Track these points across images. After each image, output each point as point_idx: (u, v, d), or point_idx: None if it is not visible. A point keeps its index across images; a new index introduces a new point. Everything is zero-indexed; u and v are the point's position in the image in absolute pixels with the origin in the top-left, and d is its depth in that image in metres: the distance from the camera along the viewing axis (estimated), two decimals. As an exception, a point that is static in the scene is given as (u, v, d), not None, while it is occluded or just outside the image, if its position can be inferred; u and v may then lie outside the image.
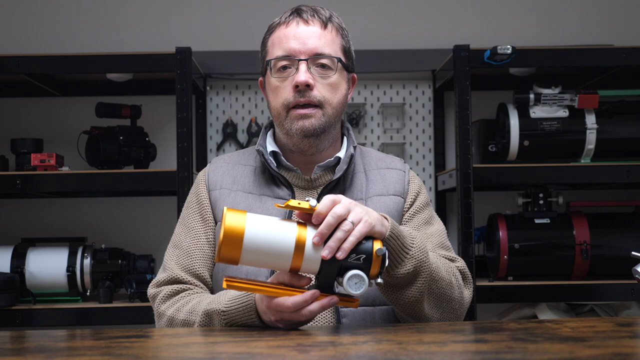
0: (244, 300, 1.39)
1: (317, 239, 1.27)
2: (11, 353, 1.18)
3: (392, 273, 1.38)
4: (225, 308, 1.41)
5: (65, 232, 2.82)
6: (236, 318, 1.40)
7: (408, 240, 1.39)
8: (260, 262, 1.30)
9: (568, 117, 2.53)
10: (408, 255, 1.38)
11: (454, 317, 1.52)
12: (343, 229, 1.28)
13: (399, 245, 1.37)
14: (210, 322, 1.43)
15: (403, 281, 1.39)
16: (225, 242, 1.26)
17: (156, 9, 2.95)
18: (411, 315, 1.46)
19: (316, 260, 1.28)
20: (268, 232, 1.27)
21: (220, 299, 1.44)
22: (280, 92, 1.59)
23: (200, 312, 1.45)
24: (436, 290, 1.46)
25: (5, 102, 2.91)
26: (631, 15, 2.97)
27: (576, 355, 1.05)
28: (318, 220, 1.29)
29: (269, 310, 1.34)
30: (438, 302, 1.48)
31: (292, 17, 1.62)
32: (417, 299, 1.42)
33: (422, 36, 2.93)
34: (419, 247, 1.40)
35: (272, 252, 1.27)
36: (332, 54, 1.59)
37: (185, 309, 1.49)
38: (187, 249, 1.61)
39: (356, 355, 1.09)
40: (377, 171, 1.68)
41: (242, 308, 1.39)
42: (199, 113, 2.88)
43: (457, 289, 1.52)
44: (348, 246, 1.27)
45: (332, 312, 1.54)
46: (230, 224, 1.26)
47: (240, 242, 1.26)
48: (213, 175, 1.67)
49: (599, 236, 2.53)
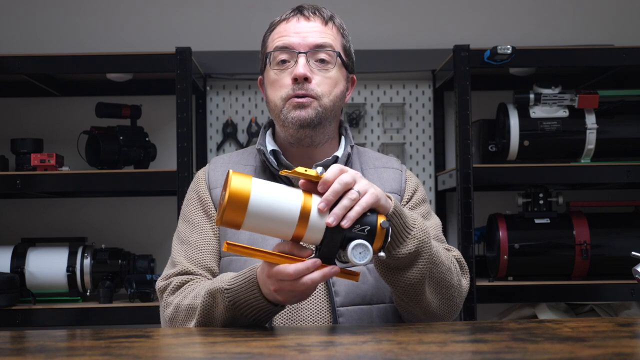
0: (247, 275, 1.38)
1: (323, 204, 1.25)
2: (11, 353, 1.18)
3: (393, 253, 1.36)
4: (228, 285, 1.39)
5: (65, 232, 2.82)
6: (239, 294, 1.37)
7: (410, 220, 1.38)
8: (262, 228, 1.26)
9: (568, 117, 2.53)
10: (410, 235, 1.37)
11: (453, 305, 1.51)
12: (349, 197, 1.26)
13: (401, 224, 1.35)
14: (214, 302, 1.41)
15: (404, 262, 1.38)
16: (229, 205, 1.23)
17: (156, 9, 2.95)
18: (412, 300, 1.44)
19: (320, 230, 1.26)
20: (273, 197, 1.25)
21: (224, 277, 1.43)
22: (278, 84, 1.60)
23: (203, 293, 1.44)
24: (437, 274, 1.45)
25: (5, 102, 2.91)
26: (631, 15, 2.97)
27: (576, 355, 1.05)
28: (324, 188, 1.27)
29: (269, 280, 1.31)
30: (438, 288, 1.47)
31: (293, 14, 1.63)
32: (418, 280, 1.40)
33: (422, 36, 2.93)
34: (420, 227, 1.39)
35: (276, 218, 1.25)
36: (332, 47, 1.60)
37: (191, 295, 1.49)
38: (195, 243, 1.61)
39: (356, 355, 1.09)
40: (374, 170, 1.69)
41: (244, 283, 1.37)
42: (199, 113, 2.88)
43: (456, 276, 1.52)
44: (354, 215, 1.25)
45: (329, 311, 1.54)
46: (236, 187, 1.23)
47: (245, 205, 1.23)
48: (213, 174, 1.67)
49: (599, 236, 2.53)
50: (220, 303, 1.40)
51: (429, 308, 1.47)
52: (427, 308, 1.47)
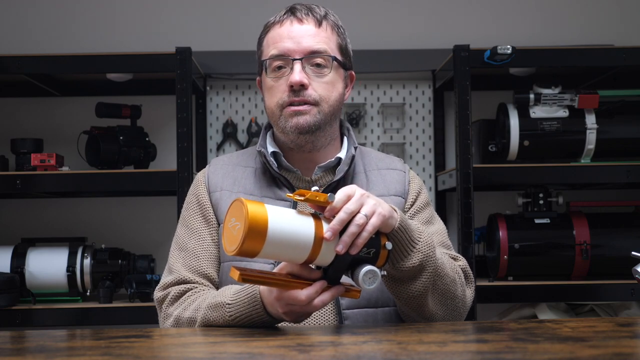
0: (249, 291, 1.38)
1: (329, 234, 1.26)
2: (11, 353, 1.18)
3: (397, 266, 1.38)
4: (231, 300, 1.39)
5: (65, 232, 2.82)
6: (241, 309, 1.38)
7: (416, 234, 1.39)
8: (277, 254, 1.27)
9: (568, 117, 2.53)
10: (415, 249, 1.38)
11: (457, 316, 1.52)
12: (357, 222, 1.27)
13: (406, 238, 1.37)
14: (215, 315, 1.42)
15: (408, 275, 1.39)
16: (249, 235, 1.21)
17: (156, 9, 2.95)
18: (415, 311, 1.46)
19: (330, 254, 1.28)
20: (289, 224, 1.25)
21: (226, 292, 1.43)
22: (275, 91, 1.59)
23: (205, 306, 1.44)
24: (441, 286, 1.46)
25: (5, 102, 2.91)
26: (631, 15, 2.97)
27: (576, 355, 1.05)
28: (331, 213, 1.28)
29: (277, 302, 1.33)
30: (442, 299, 1.47)
31: (287, 16, 1.61)
32: (421, 293, 1.41)
33: (422, 36, 2.94)
34: (426, 241, 1.40)
35: (292, 245, 1.25)
36: (326, 52, 1.58)
37: (192, 307, 1.48)
38: (193, 250, 1.60)
39: (356, 355, 1.09)
40: (377, 172, 1.68)
41: (247, 300, 1.38)
42: (199, 113, 2.88)
43: (460, 287, 1.52)
44: (361, 242, 1.28)
45: (335, 314, 1.53)
46: (254, 216, 1.21)
47: (264, 234, 1.22)
48: (213, 177, 1.66)
49: (599, 236, 2.53)
50: (221, 317, 1.41)
51: (432, 318, 1.48)
52: (430, 318, 1.48)
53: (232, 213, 1.26)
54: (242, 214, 1.22)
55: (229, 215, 1.27)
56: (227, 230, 1.26)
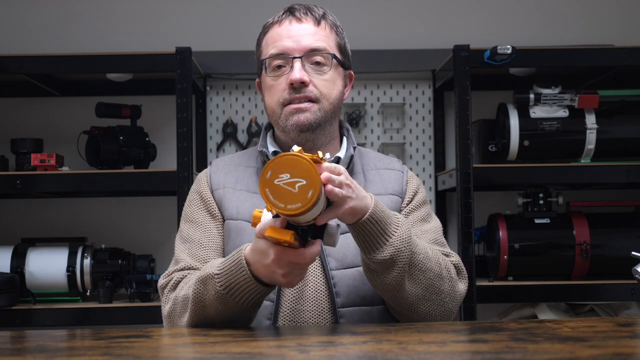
0: (234, 258, 1.39)
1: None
2: (11, 353, 1.19)
3: (369, 257, 1.42)
4: (218, 270, 1.40)
5: (65, 232, 2.82)
6: (229, 278, 1.38)
7: (391, 228, 1.42)
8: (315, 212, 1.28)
9: (568, 117, 2.53)
10: (387, 243, 1.41)
11: (445, 311, 1.52)
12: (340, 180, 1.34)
13: (378, 231, 1.40)
14: (205, 288, 1.41)
15: (382, 266, 1.43)
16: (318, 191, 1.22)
17: (156, 9, 2.95)
18: (394, 302, 1.49)
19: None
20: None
21: (213, 263, 1.43)
22: (275, 90, 1.60)
23: (194, 281, 1.45)
24: (424, 281, 1.48)
25: (5, 102, 2.91)
26: (631, 15, 2.97)
27: (576, 355, 1.05)
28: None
29: (275, 264, 1.31)
30: (426, 294, 1.48)
31: (285, 16, 1.62)
32: (395, 285, 1.44)
33: (422, 36, 2.93)
34: (401, 237, 1.42)
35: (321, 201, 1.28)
36: (326, 50, 1.60)
37: (186, 286, 1.49)
38: (199, 240, 1.61)
39: (356, 355, 1.09)
40: (375, 171, 1.69)
41: (233, 267, 1.38)
42: (199, 113, 2.88)
43: (448, 282, 1.52)
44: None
45: (330, 312, 1.54)
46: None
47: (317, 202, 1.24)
48: (215, 176, 1.67)
49: (599, 236, 2.53)
50: (211, 289, 1.40)
51: (415, 311, 1.49)
52: (413, 311, 1.49)
53: (279, 169, 1.22)
54: (302, 169, 1.21)
55: (272, 170, 1.22)
56: (275, 187, 1.22)
